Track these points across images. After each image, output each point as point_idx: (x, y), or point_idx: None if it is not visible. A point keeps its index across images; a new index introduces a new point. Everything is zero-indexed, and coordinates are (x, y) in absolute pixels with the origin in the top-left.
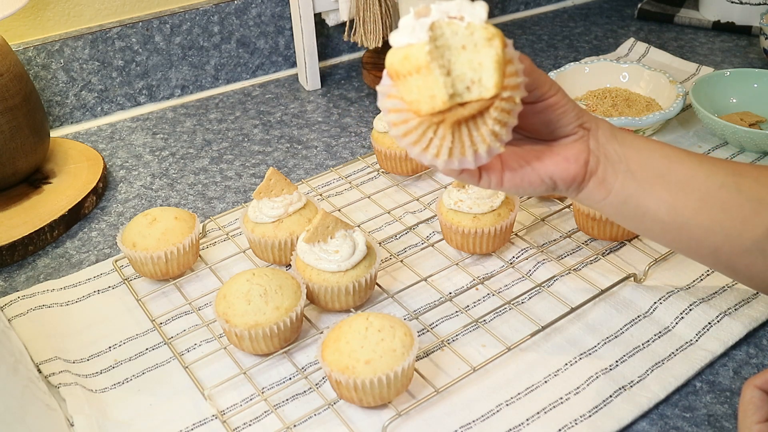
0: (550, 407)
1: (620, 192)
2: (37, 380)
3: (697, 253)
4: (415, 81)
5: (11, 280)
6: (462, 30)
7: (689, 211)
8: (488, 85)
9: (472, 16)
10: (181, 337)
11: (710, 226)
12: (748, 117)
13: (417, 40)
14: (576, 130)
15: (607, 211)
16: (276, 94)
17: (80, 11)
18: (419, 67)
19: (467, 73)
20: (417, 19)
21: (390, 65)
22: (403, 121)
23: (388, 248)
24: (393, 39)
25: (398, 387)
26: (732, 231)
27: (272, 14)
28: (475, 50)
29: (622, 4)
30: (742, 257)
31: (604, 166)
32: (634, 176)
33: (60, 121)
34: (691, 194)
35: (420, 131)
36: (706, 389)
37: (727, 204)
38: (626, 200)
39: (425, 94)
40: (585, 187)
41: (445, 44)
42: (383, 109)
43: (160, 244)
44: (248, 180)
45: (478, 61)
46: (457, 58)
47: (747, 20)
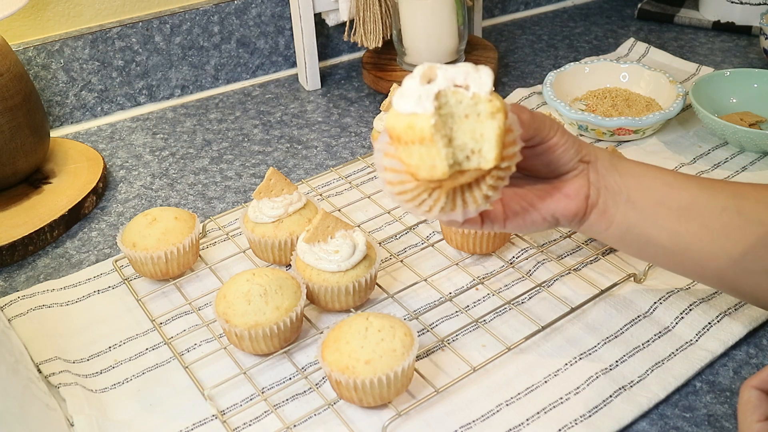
0: (550, 407)
1: (622, 222)
2: (37, 380)
3: (702, 277)
4: (416, 149)
5: (11, 280)
6: (467, 100)
7: (691, 236)
8: (488, 157)
9: (477, 87)
10: (181, 337)
11: (713, 250)
12: (748, 117)
13: (422, 110)
14: (576, 165)
15: (610, 241)
16: (276, 94)
17: (80, 11)
18: (423, 138)
19: (468, 143)
20: (423, 84)
21: (392, 129)
22: (399, 181)
23: (388, 248)
24: (397, 104)
25: (398, 387)
26: (735, 254)
27: (272, 14)
28: (477, 121)
29: (622, 4)
30: (748, 279)
31: (604, 198)
32: (634, 206)
33: (60, 121)
34: (692, 220)
35: (415, 193)
36: (706, 389)
37: (729, 227)
38: (628, 230)
39: (426, 163)
40: (587, 220)
41: (449, 112)
42: (379, 167)
43: (160, 244)
44: (248, 180)
45: (480, 132)
46: (459, 126)
47: (747, 20)
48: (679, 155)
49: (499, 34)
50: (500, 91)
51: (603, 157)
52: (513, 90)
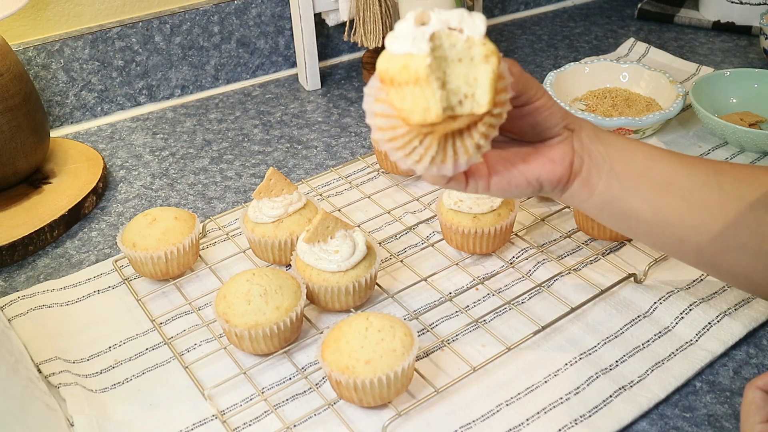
0: (550, 407)
1: (604, 192)
2: (37, 380)
3: (681, 252)
4: (410, 91)
5: (11, 280)
6: (461, 43)
7: (672, 209)
8: (481, 102)
9: (471, 30)
10: (181, 337)
11: (693, 224)
12: (748, 117)
13: (417, 50)
14: (561, 132)
15: (591, 212)
16: (276, 94)
17: (80, 11)
18: (417, 78)
19: (462, 87)
20: (417, 26)
21: (385, 71)
22: (390, 127)
23: (388, 248)
24: (391, 45)
25: (398, 387)
26: (714, 229)
27: (272, 14)
28: (471, 65)
29: (622, 4)
30: (726, 255)
31: (588, 167)
32: (617, 176)
33: (60, 121)
34: (673, 194)
35: (406, 139)
36: (706, 389)
37: (709, 202)
38: (610, 200)
39: (419, 106)
40: (569, 188)
41: (443, 56)
42: (369, 112)
43: (160, 244)
44: (248, 180)
45: (474, 76)
46: (453, 70)
47: (747, 20)
48: None
49: (499, 34)
50: None
51: (587, 126)
52: None
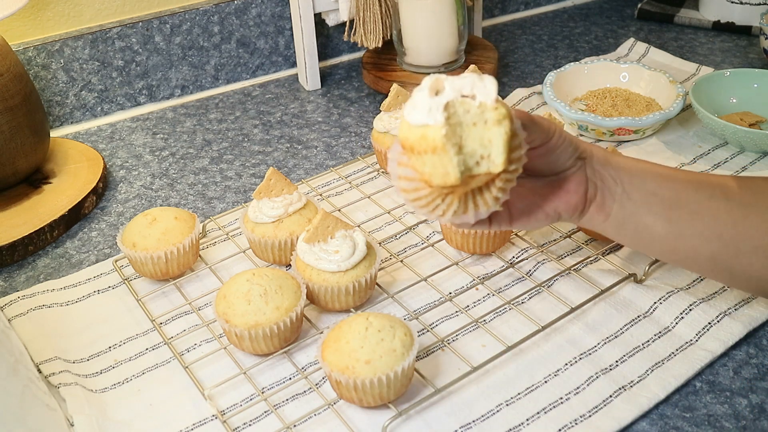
0: (550, 407)
1: (618, 213)
2: (37, 380)
3: (696, 263)
4: (429, 158)
5: (11, 280)
6: (474, 109)
7: (684, 222)
8: (497, 162)
9: (483, 96)
10: (181, 337)
11: (705, 234)
12: (748, 117)
13: (433, 121)
14: (575, 163)
15: (609, 232)
16: (276, 94)
17: (80, 11)
18: (435, 147)
19: (477, 149)
20: (432, 96)
21: (405, 140)
22: (413, 189)
23: (388, 248)
24: (408, 116)
25: (398, 387)
26: (725, 236)
27: (272, 14)
28: (485, 128)
29: (622, 4)
30: (739, 259)
31: (602, 192)
32: (629, 197)
33: (60, 121)
34: (683, 207)
35: (429, 199)
36: (706, 389)
37: (718, 211)
38: (625, 220)
39: (438, 171)
40: (586, 213)
41: (458, 121)
42: (394, 176)
43: (160, 244)
44: (248, 180)
45: (488, 138)
46: (468, 134)
47: (747, 20)
48: (679, 155)
49: (499, 34)
50: (500, 91)
51: (597, 153)
52: (513, 90)
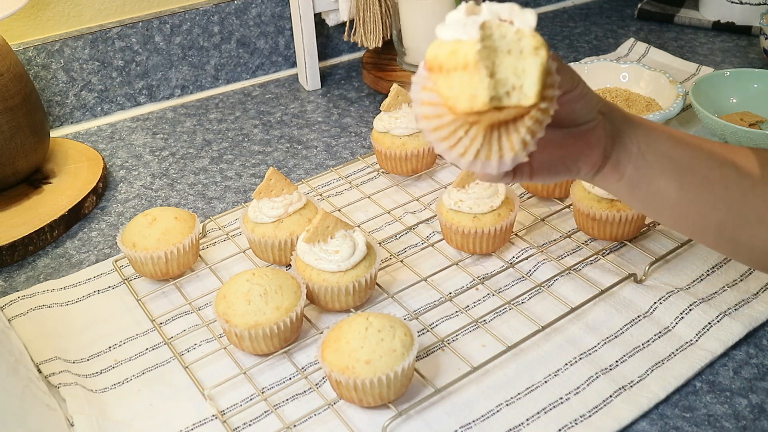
0: (550, 407)
1: (633, 174)
2: (37, 380)
3: (703, 230)
4: (458, 77)
5: (11, 280)
6: (511, 34)
7: (696, 187)
8: (529, 94)
9: (522, 22)
10: (181, 337)
11: (714, 201)
12: (748, 117)
13: (467, 36)
14: (596, 116)
15: (620, 194)
16: (276, 94)
17: (80, 11)
18: (466, 64)
19: (510, 78)
20: (467, 15)
21: (434, 57)
22: (436, 115)
23: (388, 248)
24: (440, 32)
25: (398, 387)
26: (733, 204)
27: (272, 14)
28: (520, 57)
29: (622, 4)
30: (744, 229)
31: (618, 150)
32: (644, 158)
33: (60, 121)
34: (696, 173)
35: (452, 128)
36: (706, 389)
37: (728, 180)
38: (638, 181)
39: (466, 92)
40: (601, 171)
41: (492, 46)
42: (416, 100)
43: (160, 244)
44: (248, 180)
45: (522, 68)
46: (502, 61)
47: (747, 20)
48: None
49: None
50: None
51: (616, 109)
52: None
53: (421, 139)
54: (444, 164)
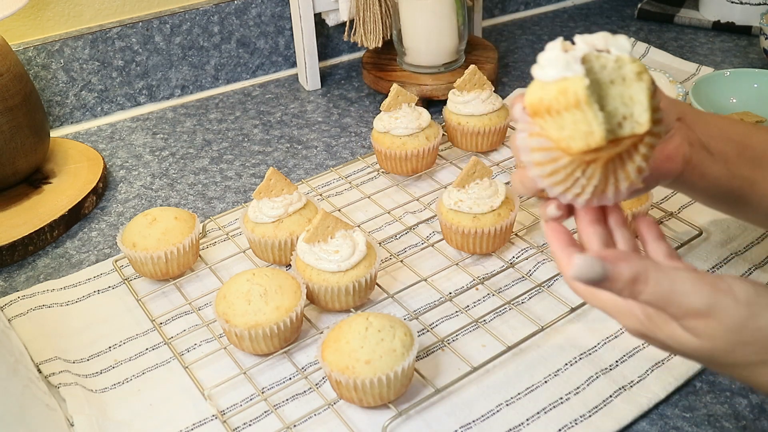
0: (550, 407)
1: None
2: (37, 380)
3: None
4: (569, 117)
5: (11, 280)
6: (611, 64)
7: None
8: (641, 121)
9: (618, 49)
10: (181, 337)
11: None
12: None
13: (572, 73)
14: (674, 124)
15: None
16: (276, 94)
17: (80, 11)
18: (577, 101)
19: (619, 108)
20: (565, 51)
21: (539, 101)
22: (550, 160)
23: (388, 248)
24: (541, 73)
25: (398, 387)
26: None
27: (272, 14)
28: (624, 85)
29: (622, 4)
30: None
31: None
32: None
33: (60, 121)
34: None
35: (568, 171)
36: (706, 389)
37: None
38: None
39: (580, 131)
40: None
41: (596, 78)
42: (524, 148)
43: (160, 244)
44: (248, 180)
45: (630, 96)
46: (608, 92)
47: (747, 20)
48: None
49: (499, 34)
50: (500, 92)
51: (690, 110)
52: (513, 90)
53: (421, 139)
54: (444, 164)
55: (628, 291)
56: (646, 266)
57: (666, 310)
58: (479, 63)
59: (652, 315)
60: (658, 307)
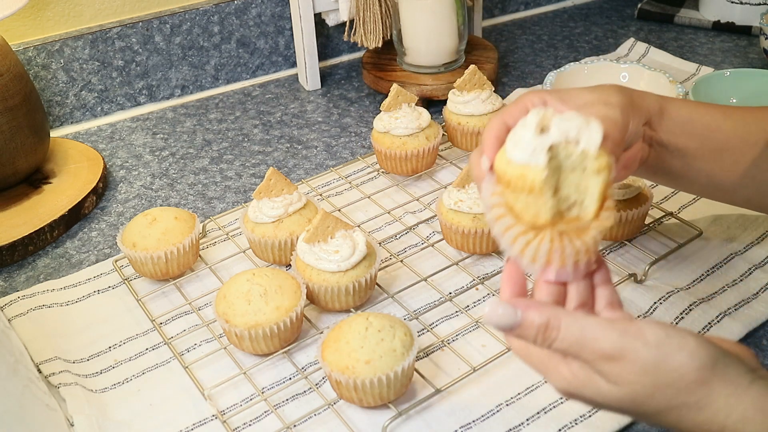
0: (550, 407)
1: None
2: (37, 380)
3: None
4: (524, 197)
5: (11, 280)
6: (576, 155)
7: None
8: (589, 210)
9: (587, 143)
10: (181, 337)
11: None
12: None
13: (536, 162)
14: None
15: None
16: (276, 94)
17: (80, 11)
18: (533, 188)
19: (572, 194)
20: (537, 134)
21: (502, 173)
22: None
23: (388, 248)
24: (511, 152)
25: (398, 387)
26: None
27: (272, 14)
28: (583, 175)
29: (622, 4)
30: None
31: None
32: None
33: (60, 121)
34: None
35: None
36: None
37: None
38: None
39: (530, 211)
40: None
41: (558, 165)
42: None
43: (160, 244)
44: (248, 180)
45: (585, 186)
46: (566, 178)
47: (747, 20)
48: None
49: (499, 34)
50: (500, 92)
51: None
52: (513, 90)
53: (421, 139)
54: (444, 164)
55: (541, 338)
56: (557, 313)
57: (580, 355)
58: (479, 63)
59: (577, 372)
60: (571, 353)
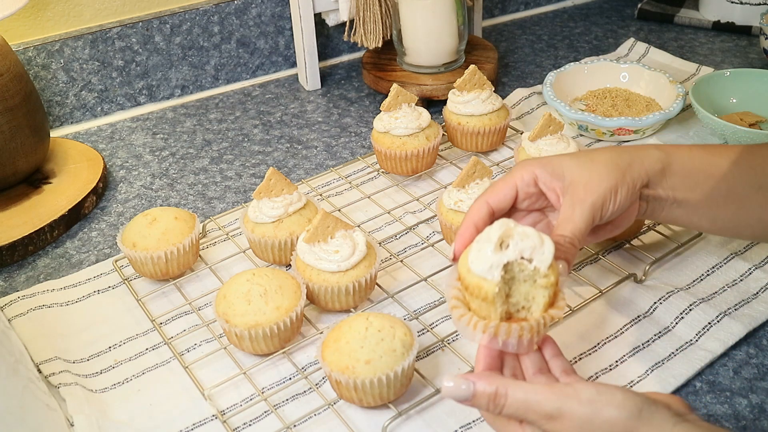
0: None
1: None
2: (37, 380)
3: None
4: (478, 302)
5: (11, 280)
6: (528, 271)
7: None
8: (534, 315)
9: (539, 261)
10: (181, 337)
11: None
12: (748, 117)
13: (491, 278)
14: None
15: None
16: (276, 94)
17: (80, 11)
18: (486, 298)
19: (521, 300)
20: (497, 251)
21: (463, 278)
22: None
23: (388, 248)
24: (472, 263)
25: (398, 387)
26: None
27: (272, 14)
28: (533, 287)
29: (622, 4)
30: None
31: (652, 207)
32: (679, 204)
33: (60, 121)
34: (731, 204)
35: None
36: (706, 389)
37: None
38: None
39: (482, 311)
40: None
41: (512, 277)
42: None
43: (160, 244)
44: (248, 180)
45: (533, 296)
46: (518, 287)
47: (747, 20)
48: None
49: (499, 34)
50: (500, 92)
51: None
52: (513, 90)
53: (421, 139)
54: (444, 164)
55: (492, 405)
56: (504, 383)
57: (526, 417)
58: (479, 63)
59: None
60: (519, 417)
